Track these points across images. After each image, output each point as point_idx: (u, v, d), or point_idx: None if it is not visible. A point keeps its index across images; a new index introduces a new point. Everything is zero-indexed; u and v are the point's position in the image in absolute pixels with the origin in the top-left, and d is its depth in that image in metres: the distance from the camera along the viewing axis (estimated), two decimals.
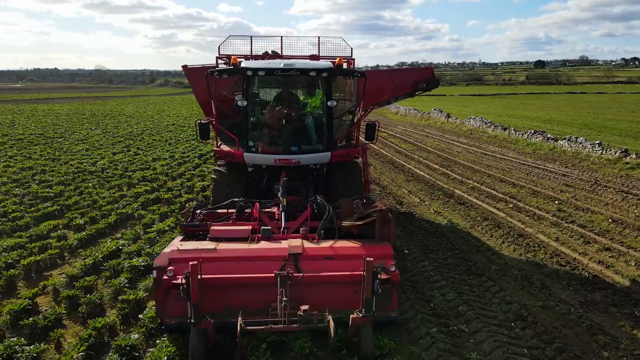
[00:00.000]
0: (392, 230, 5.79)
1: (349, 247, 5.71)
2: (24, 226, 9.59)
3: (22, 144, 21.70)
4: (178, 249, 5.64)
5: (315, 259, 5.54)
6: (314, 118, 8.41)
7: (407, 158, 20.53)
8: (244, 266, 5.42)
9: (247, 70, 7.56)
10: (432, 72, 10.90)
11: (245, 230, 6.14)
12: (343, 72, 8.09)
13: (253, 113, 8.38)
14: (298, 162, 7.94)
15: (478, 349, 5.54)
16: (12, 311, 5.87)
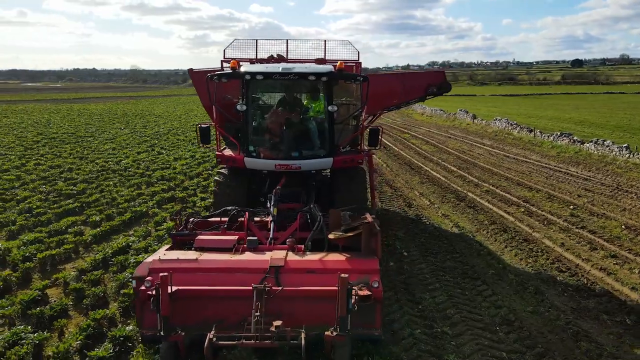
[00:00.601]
0: (378, 244, 5.63)
1: (333, 261, 5.51)
2: (46, 221, 10.19)
3: (54, 142, 22.78)
4: (159, 259, 5.52)
5: (297, 273, 5.33)
6: (316, 123, 8.27)
7: (425, 160, 20.48)
8: (224, 278, 5.26)
9: (245, 74, 7.52)
10: (444, 75, 10.72)
11: (230, 241, 5.99)
12: (344, 77, 7.94)
13: (254, 117, 8.32)
14: (299, 168, 7.82)
15: (458, 351, 5.65)
16: (22, 301, 6.35)
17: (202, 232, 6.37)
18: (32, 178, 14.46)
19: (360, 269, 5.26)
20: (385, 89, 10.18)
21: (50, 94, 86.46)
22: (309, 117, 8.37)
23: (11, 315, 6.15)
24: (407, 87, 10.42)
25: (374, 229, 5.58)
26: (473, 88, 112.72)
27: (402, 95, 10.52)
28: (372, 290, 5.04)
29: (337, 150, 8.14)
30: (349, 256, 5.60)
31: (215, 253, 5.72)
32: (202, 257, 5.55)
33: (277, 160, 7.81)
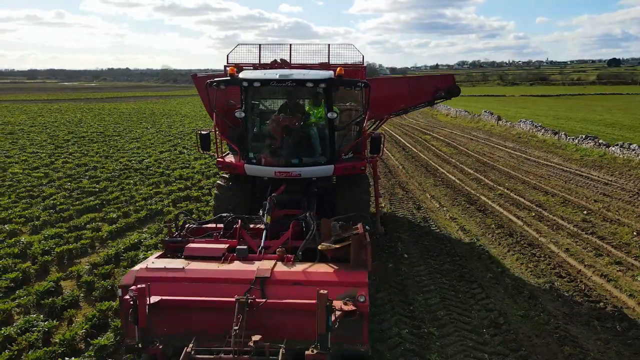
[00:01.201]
0: (368, 256, 5.43)
1: (321, 273, 5.34)
2: (67, 217, 10.81)
3: (83, 141, 23.77)
4: (147, 267, 5.46)
5: (282, 284, 5.18)
6: (317, 129, 8.10)
7: (443, 162, 20.45)
8: (209, 288, 5.14)
9: (242, 81, 7.44)
10: (453, 79, 10.55)
11: (219, 250, 5.88)
12: (343, 83, 7.68)
13: (254, 124, 8.23)
14: (299, 175, 7.69)
15: (441, 351, 5.82)
16: (37, 292, 6.87)
17: (194, 240, 6.32)
18: (58, 176, 15.23)
19: (348, 281, 5.12)
20: (392, 93, 10.14)
21: (85, 93, 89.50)
22: (310, 123, 8.18)
23: (27, 304, 6.66)
24: (415, 91, 10.28)
25: (364, 241, 5.44)
26: (503, 88, 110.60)
27: (409, 100, 10.38)
28: (357, 305, 4.87)
29: (339, 157, 7.99)
30: (337, 268, 5.43)
31: (204, 262, 5.64)
32: (189, 267, 5.47)
33: (277, 167, 7.70)
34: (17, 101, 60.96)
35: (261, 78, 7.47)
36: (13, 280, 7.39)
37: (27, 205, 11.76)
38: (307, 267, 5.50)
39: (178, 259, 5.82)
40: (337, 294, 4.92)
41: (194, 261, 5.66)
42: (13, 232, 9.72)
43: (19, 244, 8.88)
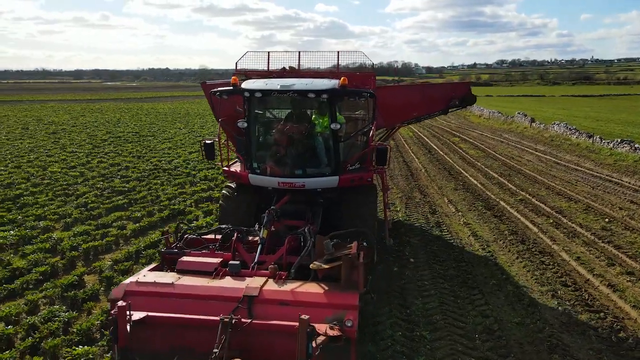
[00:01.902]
0: (360, 277, 5.23)
1: (310, 293, 5.15)
2: (97, 215, 11.55)
3: (119, 141, 24.92)
4: (137, 281, 5.40)
5: (270, 304, 5.03)
6: (322, 139, 7.89)
7: (468, 165, 20.33)
8: (197, 305, 5.03)
9: (244, 91, 7.38)
10: (468, 87, 10.21)
11: (211, 264, 5.78)
12: (347, 93, 7.49)
13: (258, 133, 8.15)
14: (303, 186, 7.56)
15: (430, 354, 6.04)
16: (62, 285, 7.50)
17: (190, 252, 6.26)
18: (92, 175, 16.16)
19: (337, 303, 4.93)
20: (404, 101, 10.01)
21: (126, 92, 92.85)
22: (316, 133, 7.96)
23: (52, 296, 7.29)
24: (428, 100, 10.07)
25: (355, 262, 5.25)
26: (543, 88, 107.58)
27: (422, 108, 10.17)
28: (344, 329, 4.64)
29: (344, 168, 7.82)
30: (328, 288, 5.21)
31: (195, 277, 5.55)
32: (179, 282, 5.39)
33: (281, 177, 7.59)
34: (63, 101, 64.00)
35: (263, 88, 7.36)
36: (42, 273, 8.07)
37: (62, 203, 12.61)
38: (298, 287, 5.30)
39: (170, 273, 5.74)
40: (325, 316, 4.75)
41: (185, 275, 5.57)
42: (47, 228, 10.50)
43: (51, 239, 9.62)
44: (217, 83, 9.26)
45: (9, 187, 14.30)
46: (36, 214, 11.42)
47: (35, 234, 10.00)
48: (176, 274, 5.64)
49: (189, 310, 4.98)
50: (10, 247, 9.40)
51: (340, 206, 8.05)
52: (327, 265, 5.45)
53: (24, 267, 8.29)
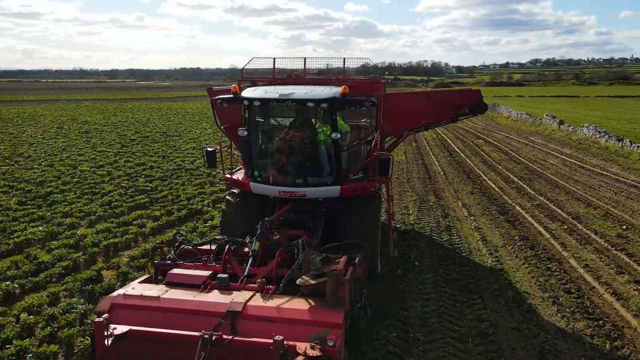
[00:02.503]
0: (346, 295, 5.10)
1: (295, 310, 5.05)
2: (119, 213, 12.15)
3: (147, 141, 25.80)
4: (124, 294, 5.39)
5: (254, 320, 4.95)
6: (325, 148, 7.73)
7: (488, 169, 20.21)
8: (182, 320, 5.00)
9: (243, 99, 7.36)
10: (479, 95, 9.84)
11: (200, 277, 5.73)
12: (348, 102, 7.30)
13: (259, 141, 8.08)
14: (303, 195, 7.49)
15: (422, 355, 6.24)
16: (82, 279, 8.03)
17: (182, 264, 6.26)
18: (119, 174, 16.89)
19: (321, 321, 4.82)
20: (412, 109, 9.74)
21: (158, 92, 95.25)
22: (319, 141, 7.80)
23: (72, 289, 7.83)
24: (437, 107, 9.76)
25: (341, 279, 5.13)
26: (578, 88, 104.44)
27: (430, 116, 9.90)
28: (326, 348, 4.53)
29: (347, 178, 7.72)
30: (313, 305, 5.11)
31: (183, 290, 5.51)
32: (165, 295, 5.36)
33: (282, 186, 7.53)
34: (97, 100, 66.26)
35: (261, 97, 7.30)
36: (65, 267, 8.64)
37: (88, 201, 13.30)
38: (283, 302, 5.20)
39: (159, 285, 5.72)
40: (309, 334, 4.69)
41: (174, 288, 5.55)
42: (72, 224, 11.14)
43: (75, 235, 10.23)
44: (223, 89, 9.27)
45: (41, 184, 15.14)
46: (63, 211, 12.11)
47: (61, 230, 10.65)
48: (165, 286, 5.62)
49: (174, 324, 4.96)
50: (38, 242, 10.05)
51: (342, 216, 7.91)
52: (313, 281, 5.33)
53: (49, 262, 8.90)
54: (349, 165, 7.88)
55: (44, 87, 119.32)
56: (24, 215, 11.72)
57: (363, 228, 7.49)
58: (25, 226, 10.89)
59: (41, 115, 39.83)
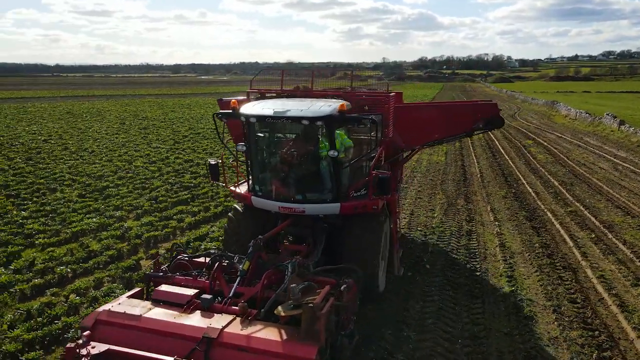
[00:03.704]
0: (322, 328, 4.99)
1: (269, 341, 4.95)
2: (163, 208, 13.38)
3: (198, 137, 27.38)
4: (109, 310, 5.41)
5: (228, 348, 4.90)
6: (324, 164, 7.63)
7: (530, 172, 19.92)
8: (159, 342, 5.00)
9: (240, 115, 7.43)
10: (496, 108, 9.32)
11: (184, 296, 5.67)
12: (345, 119, 7.13)
13: (257, 157, 8.02)
14: (303, 212, 7.47)
15: (411, 353, 6.77)
16: (123, 267, 9.19)
17: (174, 277, 6.30)
18: (167, 170, 18.32)
19: (293, 355, 4.78)
20: (425, 122, 9.32)
21: (217, 87, 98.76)
22: (321, 157, 7.69)
23: (114, 276, 9.00)
24: (450, 121, 9.35)
25: (317, 313, 5.00)
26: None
27: (444, 129, 9.50)
28: None
29: (348, 195, 7.64)
30: (289, 336, 5.02)
31: (167, 308, 5.51)
32: (147, 314, 5.36)
33: (280, 202, 7.56)
34: (159, 95, 69.99)
35: (257, 114, 7.31)
36: (110, 256, 9.87)
37: (138, 195, 14.68)
38: (260, 330, 5.11)
39: (144, 302, 5.71)
40: None
41: (158, 306, 5.55)
42: (121, 217, 12.48)
43: (122, 228, 11.50)
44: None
45: (99, 179, 16.79)
46: (115, 205, 13.52)
47: (111, 222, 11.98)
48: (150, 303, 5.62)
49: (151, 346, 4.96)
50: (91, 233, 11.41)
51: (343, 232, 7.82)
52: (287, 313, 5.26)
53: (98, 250, 10.17)
54: (351, 181, 7.80)
55: (113, 82, 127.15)
56: (82, 207, 13.23)
57: (362, 246, 7.43)
58: (82, 217, 12.34)
59: (107, 110, 42.90)
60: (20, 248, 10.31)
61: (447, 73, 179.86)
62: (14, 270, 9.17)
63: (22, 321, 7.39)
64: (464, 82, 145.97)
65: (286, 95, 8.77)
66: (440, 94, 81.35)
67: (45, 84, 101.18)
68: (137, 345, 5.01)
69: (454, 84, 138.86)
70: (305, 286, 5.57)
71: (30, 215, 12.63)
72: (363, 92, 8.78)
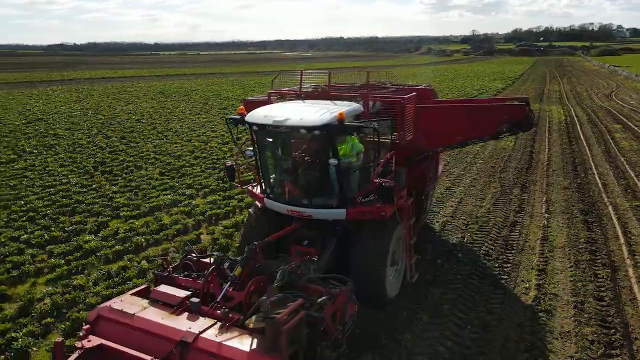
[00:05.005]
0: (283, 344, 5.07)
1: (237, 350, 5.04)
2: (228, 187, 14.82)
3: None
4: (110, 307, 5.72)
5: (201, 353, 5.08)
6: (331, 170, 7.56)
7: (606, 161, 18.96)
8: (145, 341, 5.27)
9: (245, 122, 7.67)
10: (524, 111, 8.45)
11: (176, 297, 5.87)
12: (344, 128, 7.03)
13: (266, 161, 8.24)
14: (310, 216, 7.69)
15: (420, 333, 7.43)
16: (185, 240, 10.70)
17: (177, 277, 6.52)
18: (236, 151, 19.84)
19: None
20: (447, 123, 8.84)
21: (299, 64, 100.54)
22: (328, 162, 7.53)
23: (177, 247, 10.56)
24: (475, 122, 8.68)
25: (279, 328, 5.03)
26: None
27: (467, 132, 8.89)
28: None
29: (355, 201, 7.64)
30: (255, 346, 5.12)
31: (160, 309, 5.76)
32: (140, 313, 5.63)
33: (289, 205, 7.80)
34: (243, 74, 73.10)
35: (259, 122, 7.49)
36: (177, 230, 11.48)
37: (208, 175, 16.35)
38: (232, 338, 5.23)
39: (143, 301, 5.98)
40: None
41: (153, 306, 5.82)
42: (191, 195, 14.14)
43: (191, 205, 13.11)
44: (257, 100, 9.73)
45: (178, 158, 18.77)
46: (188, 183, 15.26)
47: (182, 199, 13.67)
48: (147, 303, 5.92)
49: (138, 345, 5.25)
50: (165, 208, 13.15)
51: (353, 237, 7.90)
52: (254, 326, 5.36)
53: (168, 224, 11.83)
54: (360, 186, 7.82)
55: (204, 59, 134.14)
56: (160, 185, 15.12)
57: (369, 252, 7.53)
58: (159, 194, 14.19)
59: (194, 90, 46.08)
60: (108, 219, 12.28)
61: (542, 46, 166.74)
62: (101, 238, 11.07)
63: (103, 280, 9.12)
64: (561, 56, 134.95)
65: (303, 96, 8.95)
66: (528, 71, 76.48)
67: (145, 63, 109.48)
68: (127, 343, 5.32)
69: (549, 58, 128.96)
70: (279, 298, 5.58)
71: (119, 190, 14.74)
72: (378, 94, 8.76)
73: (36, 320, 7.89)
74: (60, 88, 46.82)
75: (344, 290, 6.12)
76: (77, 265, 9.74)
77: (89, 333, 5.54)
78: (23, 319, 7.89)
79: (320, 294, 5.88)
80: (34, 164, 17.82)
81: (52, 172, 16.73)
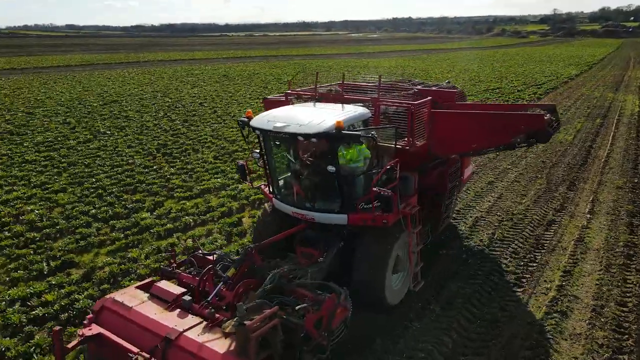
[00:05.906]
0: (253, 351, 5.25)
1: (213, 352, 5.26)
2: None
3: None
4: (113, 299, 6.06)
5: (182, 351, 5.32)
6: (338, 174, 7.50)
7: None
8: (137, 334, 5.56)
9: (250, 127, 7.91)
10: (542, 122, 8.08)
11: (171, 294, 6.12)
12: (340, 136, 7.00)
13: (272, 164, 8.44)
14: (312, 220, 7.86)
15: (430, 323, 7.90)
16: (228, 222, 11.70)
17: (180, 274, 6.86)
18: None
19: None
20: (460, 130, 8.59)
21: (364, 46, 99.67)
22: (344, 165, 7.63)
23: (221, 228, 11.59)
24: (490, 131, 8.39)
25: (248, 335, 5.24)
26: None
27: (482, 140, 8.61)
28: None
29: (357, 206, 7.66)
30: (232, 349, 5.31)
31: (156, 304, 6.04)
32: (137, 307, 5.91)
33: (293, 207, 8.04)
34: (307, 56, 73.87)
35: (261, 127, 7.67)
36: (222, 212, 12.53)
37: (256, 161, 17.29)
38: (213, 339, 5.43)
39: (143, 295, 6.30)
40: None
41: (151, 301, 6.14)
42: (238, 180, 15.13)
43: (237, 189, 14.13)
44: (276, 100, 10.22)
45: (232, 143, 19.94)
46: None
47: (230, 183, 14.74)
48: (147, 297, 6.24)
49: (130, 337, 5.59)
50: (214, 191, 14.27)
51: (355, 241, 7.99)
52: (228, 330, 5.55)
53: (215, 206, 12.91)
54: (364, 193, 7.77)
55: (270, 41, 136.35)
56: (213, 168, 16.31)
57: (369, 258, 7.65)
58: (211, 177, 15.35)
59: (257, 74, 47.48)
60: (164, 199, 13.59)
61: (631, 27, 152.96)
62: (156, 216, 12.34)
63: (153, 254, 10.30)
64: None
65: (317, 97, 9.15)
66: (612, 54, 71.09)
67: (214, 44, 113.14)
68: (122, 334, 5.67)
69: (639, 40, 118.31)
70: (256, 304, 5.81)
71: (176, 171, 16.09)
72: (390, 99, 8.79)
73: (96, 285, 9.18)
74: (135, 70, 50.02)
75: (330, 297, 6.20)
76: (134, 240, 11.04)
77: (92, 322, 6.02)
78: (85, 284, 9.22)
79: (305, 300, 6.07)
80: (106, 144, 19.69)
81: (121, 152, 18.46)
